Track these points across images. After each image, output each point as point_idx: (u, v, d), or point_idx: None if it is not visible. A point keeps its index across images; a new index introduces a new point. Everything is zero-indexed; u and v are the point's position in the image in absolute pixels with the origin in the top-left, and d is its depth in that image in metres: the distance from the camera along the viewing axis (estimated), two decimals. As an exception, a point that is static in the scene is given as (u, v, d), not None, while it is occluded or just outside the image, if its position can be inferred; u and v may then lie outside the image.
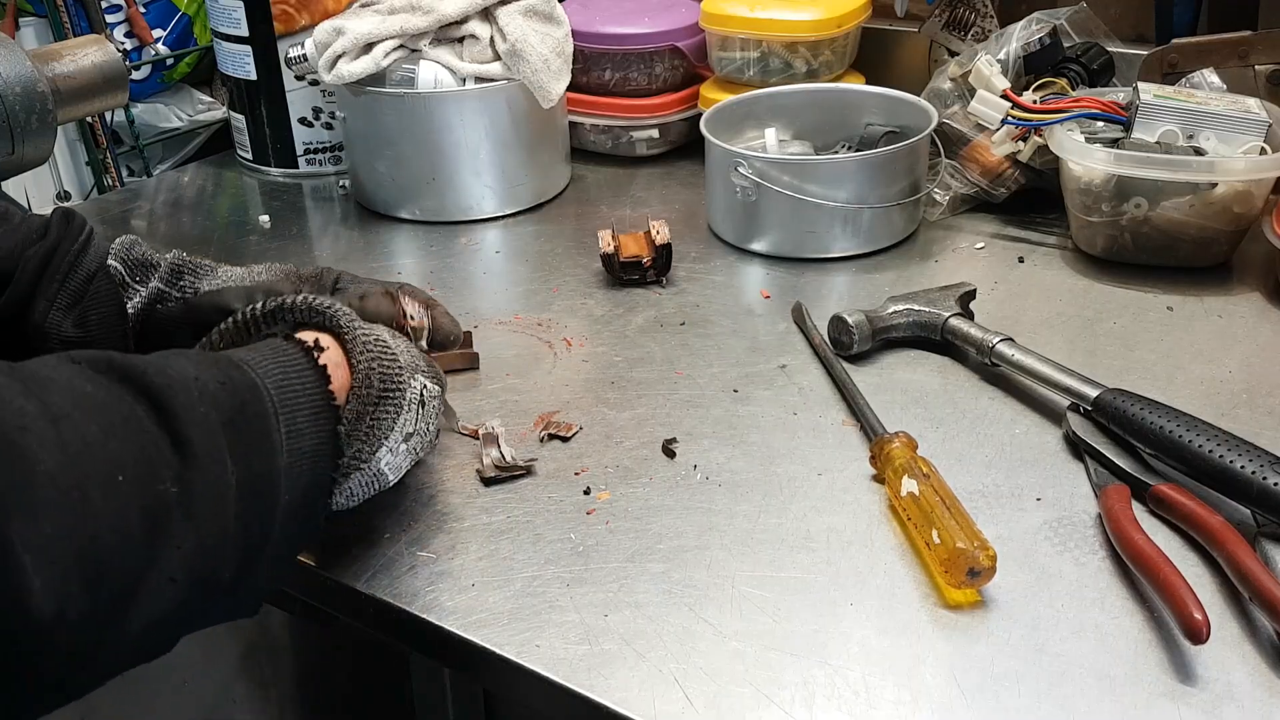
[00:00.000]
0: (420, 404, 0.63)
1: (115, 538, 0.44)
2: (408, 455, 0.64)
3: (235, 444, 0.50)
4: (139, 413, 0.47)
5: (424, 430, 0.65)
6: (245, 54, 1.24)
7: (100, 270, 0.70)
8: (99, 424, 0.45)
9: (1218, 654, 0.59)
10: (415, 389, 0.63)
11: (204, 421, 0.49)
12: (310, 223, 1.20)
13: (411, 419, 0.63)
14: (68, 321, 0.69)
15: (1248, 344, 0.87)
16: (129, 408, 0.47)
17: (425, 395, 0.64)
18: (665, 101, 1.25)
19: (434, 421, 0.66)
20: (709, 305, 0.96)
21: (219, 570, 0.49)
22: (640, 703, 0.57)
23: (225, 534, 0.49)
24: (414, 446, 0.65)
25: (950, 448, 0.76)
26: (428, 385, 0.65)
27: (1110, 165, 0.94)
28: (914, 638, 0.61)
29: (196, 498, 0.47)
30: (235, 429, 0.50)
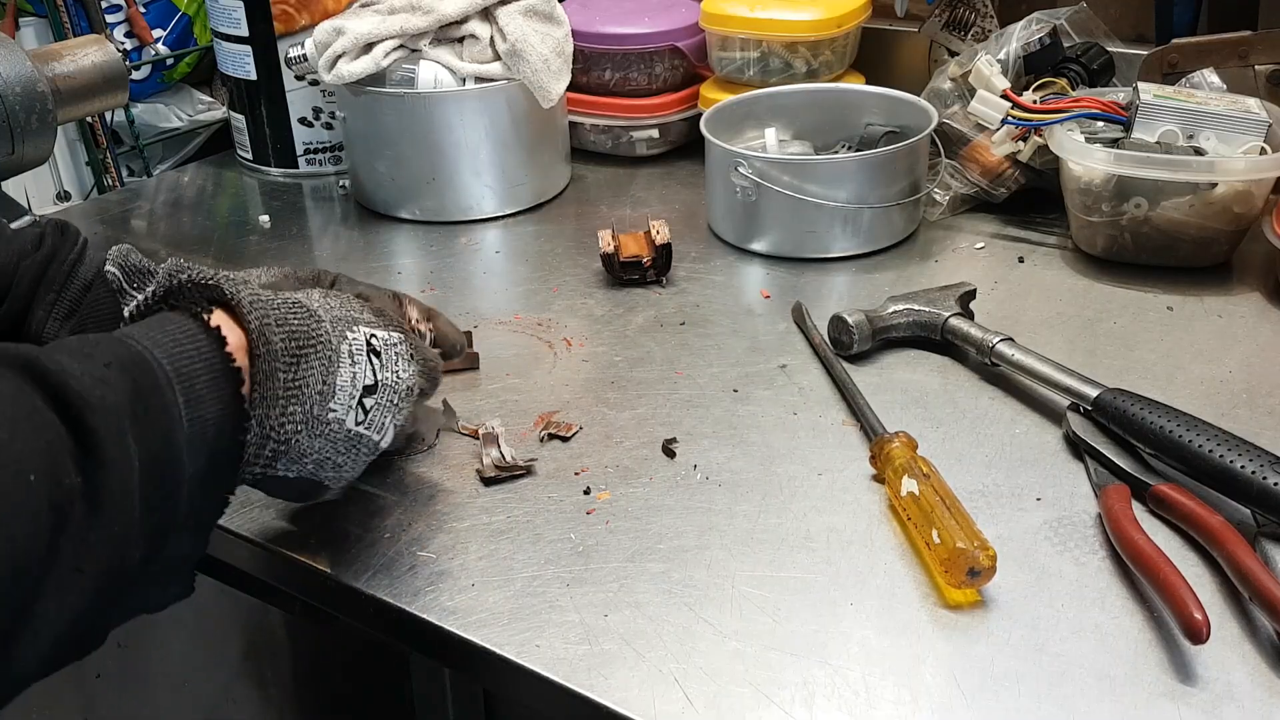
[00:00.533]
0: (371, 353, 0.61)
1: (26, 538, 0.43)
2: (385, 411, 0.62)
3: (134, 424, 0.48)
4: (39, 404, 0.46)
5: (392, 381, 0.62)
6: (245, 54, 1.24)
7: (97, 278, 0.70)
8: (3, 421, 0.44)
9: (1218, 654, 0.59)
10: (354, 339, 0.60)
11: (101, 405, 0.47)
12: (310, 223, 1.20)
13: (362, 371, 0.60)
14: (65, 331, 0.68)
15: (1248, 344, 0.87)
16: (29, 400, 0.46)
17: (376, 343, 0.61)
18: (665, 101, 1.25)
19: (404, 371, 0.64)
20: (709, 305, 0.96)
21: (127, 554, 0.48)
22: (640, 703, 0.57)
23: (130, 519, 0.47)
24: (387, 400, 0.62)
25: (950, 447, 0.76)
26: (377, 334, 0.62)
27: (1110, 165, 0.94)
28: (914, 638, 0.61)
29: (101, 487, 0.46)
30: (132, 408, 0.49)
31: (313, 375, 0.57)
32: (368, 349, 0.61)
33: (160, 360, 0.51)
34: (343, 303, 0.63)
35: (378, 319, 0.64)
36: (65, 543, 0.45)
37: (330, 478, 0.61)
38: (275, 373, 0.55)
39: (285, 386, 0.56)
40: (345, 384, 0.59)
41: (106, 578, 0.47)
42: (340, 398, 0.59)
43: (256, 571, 0.73)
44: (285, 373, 0.56)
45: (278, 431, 0.56)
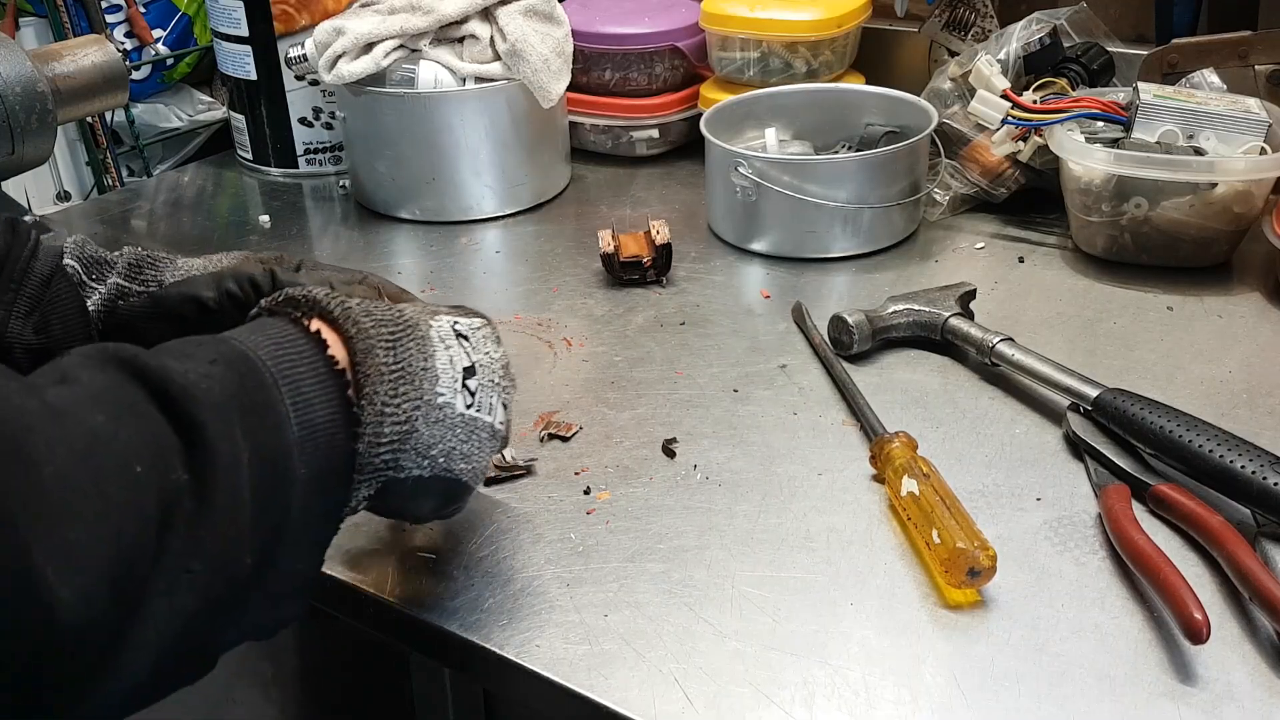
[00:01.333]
0: (459, 337, 0.59)
1: (135, 531, 0.42)
2: (490, 391, 0.60)
3: (242, 419, 0.47)
4: (142, 398, 0.45)
5: (487, 361, 0.60)
6: (245, 54, 1.24)
7: (57, 272, 0.68)
8: (105, 415, 0.43)
9: (1218, 654, 0.59)
10: (439, 325, 0.58)
11: (207, 399, 0.46)
12: (310, 223, 1.20)
13: (458, 354, 0.58)
14: (28, 328, 0.67)
15: (1248, 344, 0.87)
16: (131, 394, 0.45)
17: (459, 329, 0.60)
18: (665, 101, 1.25)
19: (495, 351, 0.61)
20: (709, 305, 0.96)
21: (239, 556, 0.46)
22: (640, 703, 0.57)
23: (240, 519, 0.46)
24: (488, 380, 0.60)
25: (950, 447, 0.76)
26: (458, 321, 0.60)
27: (1110, 165, 0.94)
28: (914, 638, 0.61)
29: (209, 483, 0.45)
30: (239, 404, 0.47)
31: (412, 356, 0.55)
32: (454, 334, 0.59)
33: (265, 361, 0.50)
34: (409, 306, 0.61)
35: (455, 309, 0.63)
36: (174, 539, 0.43)
37: (464, 470, 0.58)
38: (374, 351, 0.54)
39: (390, 366, 0.54)
40: (445, 366, 0.57)
41: (217, 582, 0.45)
42: (444, 380, 0.56)
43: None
44: (385, 354, 0.54)
45: (393, 413, 0.53)
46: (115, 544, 0.41)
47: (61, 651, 0.39)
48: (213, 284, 0.68)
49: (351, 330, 0.54)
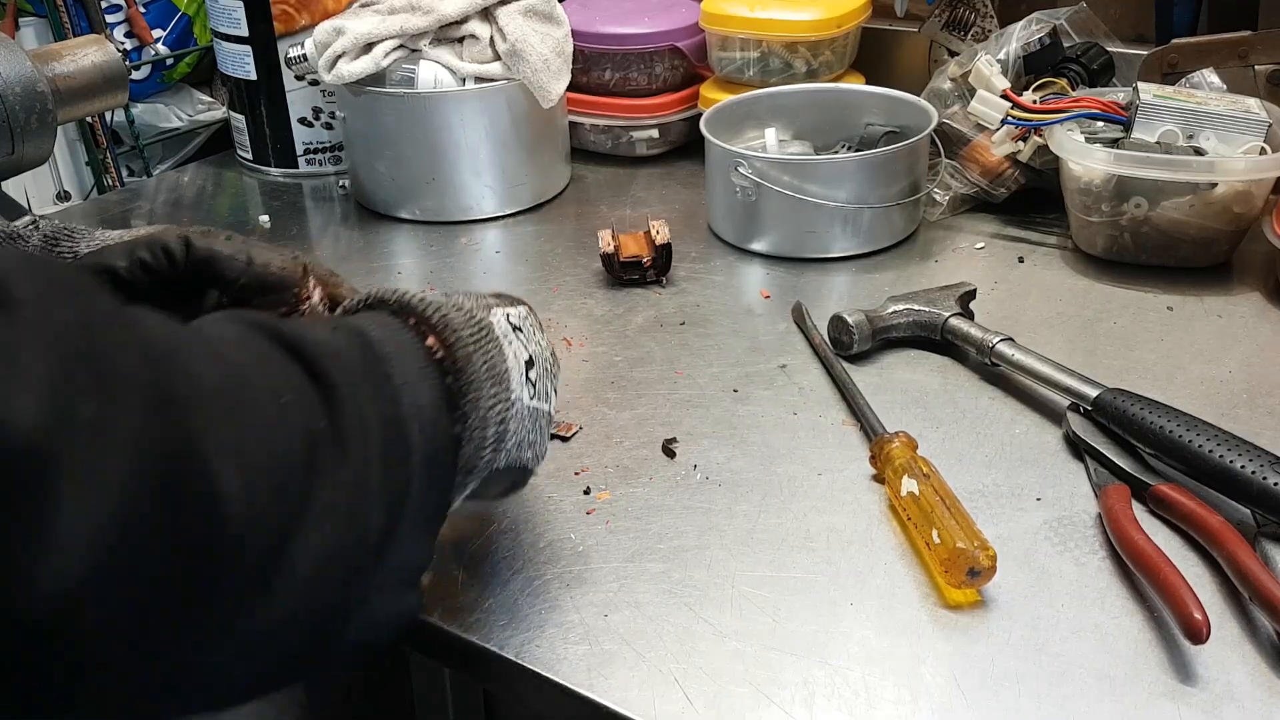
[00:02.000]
0: (515, 330, 0.59)
1: (290, 450, 0.41)
2: (546, 379, 0.61)
3: (366, 383, 0.47)
4: (276, 350, 0.45)
5: (539, 350, 0.61)
6: (245, 54, 1.24)
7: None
8: (246, 357, 0.43)
9: (1218, 654, 0.59)
10: (497, 320, 0.58)
11: (336, 360, 0.46)
12: (310, 223, 1.20)
13: (519, 347, 0.59)
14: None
15: (1248, 344, 0.87)
16: (265, 344, 0.45)
17: (513, 320, 0.60)
18: (665, 101, 1.25)
19: (543, 339, 0.62)
20: (709, 305, 0.96)
21: (370, 513, 0.46)
22: (640, 703, 0.57)
23: (372, 475, 0.45)
24: (544, 369, 0.61)
25: (950, 447, 0.76)
26: (509, 312, 0.61)
27: (1110, 165, 0.94)
28: (914, 638, 0.61)
29: (345, 434, 0.44)
30: (364, 369, 0.48)
31: (494, 357, 0.56)
32: (511, 327, 0.59)
33: (375, 337, 0.51)
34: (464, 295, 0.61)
35: (493, 298, 0.62)
36: (317, 478, 0.42)
37: (531, 458, 0.59)
38: (473, 357, 0.54)
39: (485, 369, 0.54)
40: (513, 363, 0.58)
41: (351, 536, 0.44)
42: (515, 376, 0.57)
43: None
44: (480, 357, 0.55)
45: (495, 416, 0.54)
46: (275, 453, 0.40)
47: (226, 550, 0.38)
48: (125, 253, 0.65)
49: (451, 337, 0.54)
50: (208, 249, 0.65)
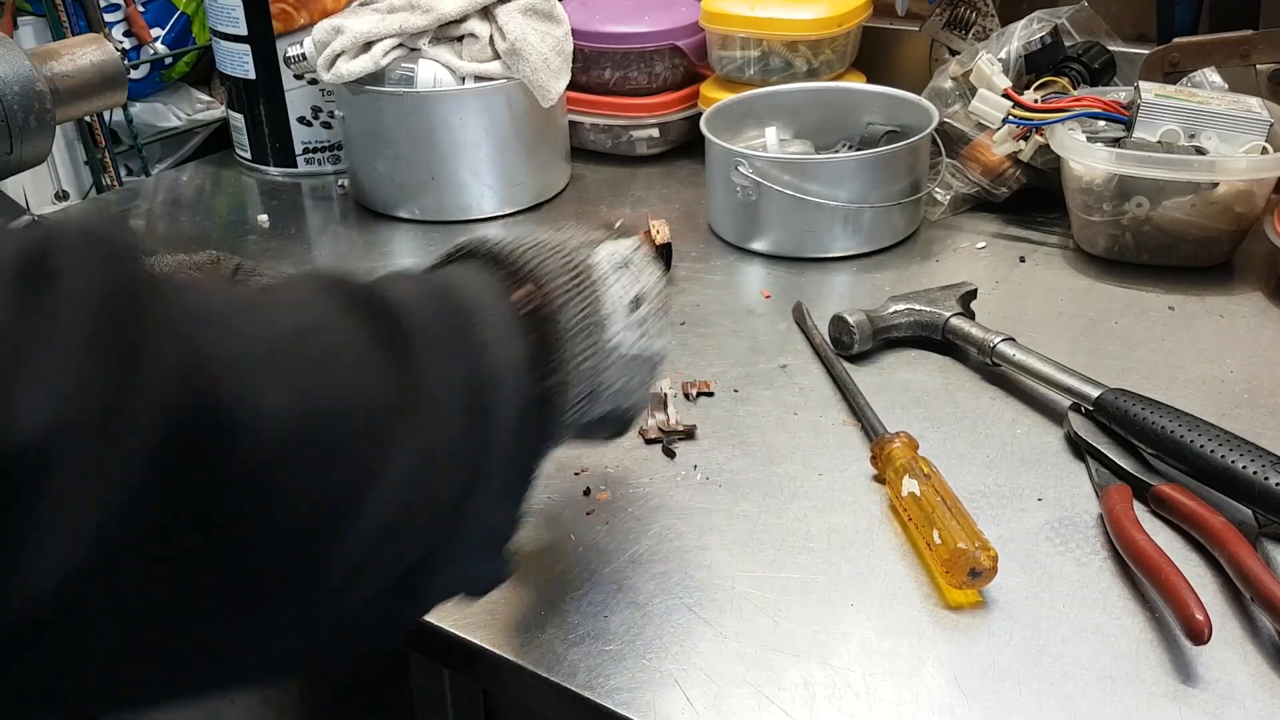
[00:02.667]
0: (623, 266, 0.57)
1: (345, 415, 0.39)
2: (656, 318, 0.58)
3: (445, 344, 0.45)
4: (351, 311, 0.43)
5: (650, 286, 0.58)
6: (244, 53, 1.24)
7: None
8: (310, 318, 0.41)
9: (1219, 654, 0.58)
10: (606, 255, 0.56)
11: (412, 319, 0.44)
12: (309, 222, 1.19)
13: (626, 285, 0.56)
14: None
15: (1249, 344, 0.87)
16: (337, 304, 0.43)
17: (622, 254, 0.57)
18: (665, 101, 1.25)
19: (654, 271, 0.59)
20: (709, 305, 0.96)
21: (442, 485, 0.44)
22: (640, 703, 0.57)
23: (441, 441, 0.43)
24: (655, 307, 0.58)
25: (951, 448, 0.76)
26: (618, 246, 0.58)
27: (1112, 165, 0.93)
28: (915, 638, 0.60)
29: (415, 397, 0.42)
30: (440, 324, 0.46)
31: (590, 306, 0.54)
32: (619, 263, 0.57)
33: (463, 291, 0.49)
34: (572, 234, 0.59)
35: (607, 232, 0.60)
36: (380, 446, 0.40)
37: (637, 402, 0.58)
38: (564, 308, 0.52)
39: (576, 321, 0.53)
40: (616, 304, 0.56)
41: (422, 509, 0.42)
42: (617, 320, 0.55)
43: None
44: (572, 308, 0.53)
45: (585, 372, 0.53)
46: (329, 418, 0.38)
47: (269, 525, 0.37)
48: None
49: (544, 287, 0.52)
50: None
